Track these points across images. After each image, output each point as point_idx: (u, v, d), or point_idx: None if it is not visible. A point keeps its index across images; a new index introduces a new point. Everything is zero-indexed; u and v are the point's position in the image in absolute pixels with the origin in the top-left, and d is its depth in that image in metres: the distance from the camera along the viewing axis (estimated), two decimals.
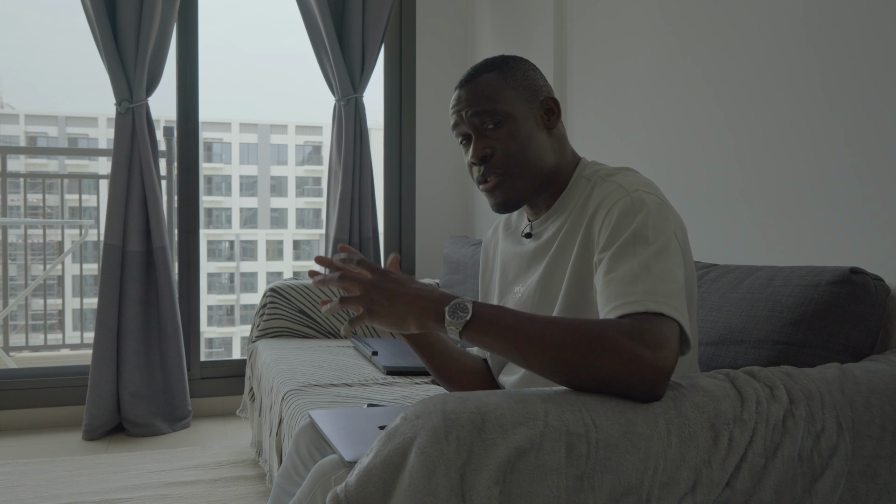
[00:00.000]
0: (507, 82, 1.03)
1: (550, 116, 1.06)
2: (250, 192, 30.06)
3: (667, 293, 0.85)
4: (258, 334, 2.46)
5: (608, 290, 0.89)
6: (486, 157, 1.03)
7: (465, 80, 1.05)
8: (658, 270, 0.87)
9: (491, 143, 1.03)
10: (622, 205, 0.94)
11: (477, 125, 1.04)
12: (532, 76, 1.06)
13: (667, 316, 0.84)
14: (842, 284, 1.08)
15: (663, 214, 0.93)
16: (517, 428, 0.75)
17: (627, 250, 0.90)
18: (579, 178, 1.06)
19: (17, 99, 53.14)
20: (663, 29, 1.86)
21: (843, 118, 1.33)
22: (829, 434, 0.85)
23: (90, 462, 2.28)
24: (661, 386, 0.80)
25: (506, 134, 1.02)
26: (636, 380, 0.79)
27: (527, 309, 1.07)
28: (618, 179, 0.99)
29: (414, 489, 0.71)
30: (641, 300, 0.84)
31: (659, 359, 0.79)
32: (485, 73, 1.04)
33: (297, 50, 58.70)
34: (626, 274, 0.88)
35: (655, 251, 0.89)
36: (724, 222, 1.64)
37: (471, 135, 1.05)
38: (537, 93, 1.05)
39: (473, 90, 1.04)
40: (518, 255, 1.12)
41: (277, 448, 1.66)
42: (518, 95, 1.03)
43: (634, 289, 0.85)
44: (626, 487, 0.77)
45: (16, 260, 11.24)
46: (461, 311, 0.86)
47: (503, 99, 1.02)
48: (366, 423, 1.10)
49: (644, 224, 0.91)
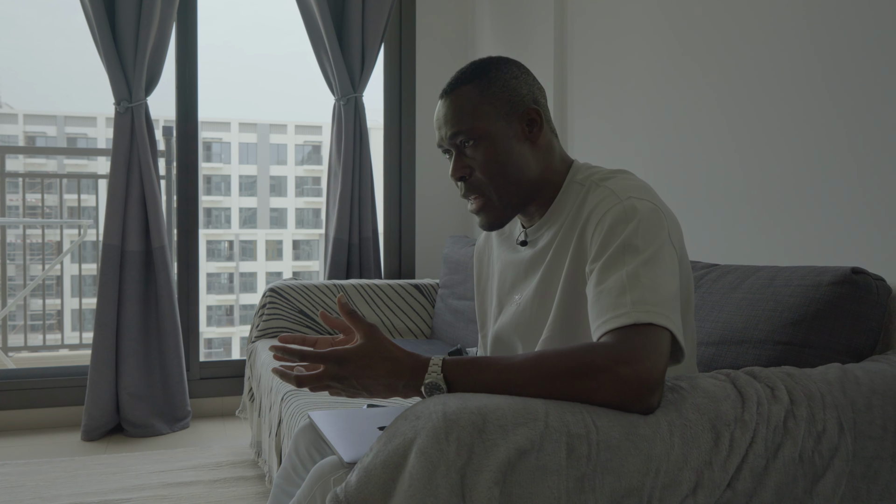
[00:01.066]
0: (484, 96, 1.01)
1: (532, 128, 1.04)
2: (250, 192, 30.06)
3: (656, 302, 0.85)
4: (258, 334, 2.45)
5: (598, 303, 0.88)
6: (464, 177, 1.03)
7: (446, 91, 1.04)
8: (648, 280, 0.87)
9: (469, 161, 1.03)
10: (614, 213, 0.93)
11: (456, 143, 1.03)
12: (513, 85, 1.03)
13: (657, 325, 0.83)
14: (843, 284, 1.07)
15: (656, 221, 0.92)
16: (518, 429, 0.74)
17: (617, 260, 0.90)
18: (572, 183, 1.05)
19: (15, 98, 53.11)
20: (664, 28, 1.86)
21: (845, 117, 1.33)
22: (830, 435, 0.85)
23: (89, 463, 2.27)
24: (649, 398, 0.80)
25: (483, 153, 1.01)
26: (624, 399, 0.79)
27: (525, 317, 1.06)
28: (611, 185, 0.98)
29: (414, 490, 0.71)
30: (629, 312, 0.84)
31: (642, 372, 0.79)
32: (465, 85, 1.02)
33: (296, 49, 58.73)
34: (614, 285, 0.88)
35: (645, 260, 0.89)
36: (724, 222, 1.64)
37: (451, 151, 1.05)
38: (517, 104, 1.02)
39: (452, 106, 1.03)
40: (514, 263, 1.12)
41: (277, 449, 1.66)
42: (496, 110, 1.01)
43: (622, 300, 0.85)
44: (628, 489, 0.77)
45: (14, 260, 11.23)
46: (436, 391, 0.83)
47: (480, 115, 1.01)
48: (365, 424, 1.10)
49: (634, 233, 0.91)
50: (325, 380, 0.85)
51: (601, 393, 0.79)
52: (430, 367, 0.84)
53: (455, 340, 2.36)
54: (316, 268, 29.47)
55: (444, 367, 0.84)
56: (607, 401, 0.80)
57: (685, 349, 0.88)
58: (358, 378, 0.85)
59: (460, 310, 2.38)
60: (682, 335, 0.86)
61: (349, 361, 0.85)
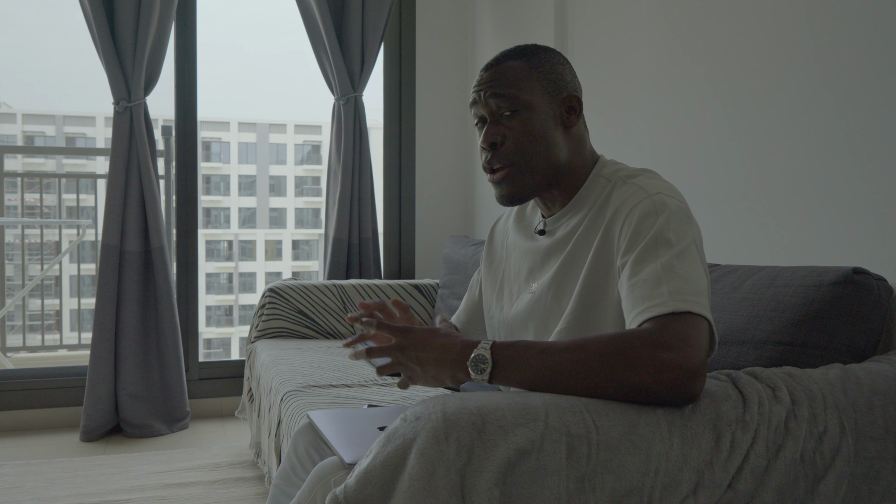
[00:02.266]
0: (532, 72, 1.02)
1: (570, 114, 1.04)
2: (249, 192, 30.05)
3: (693, 292, 0.85)
4: (257, 335, 2.45)
5: (633, 294, 0.88)
6: (495, 143, 1.02)
7: (491, 64, 1.04)
8: (682, 271, 0.87)
9: (504, 130, 1.02)
10: (643, 207, 0.93)
11: (493, 109, 1.02)
12: (560, 70, 1.04)
13: (694, 314, 0.83)
14: (844, 285, 1.07)
15: (685, 216, 0.93)
16: (518, 429, 0.74)
17: (650, 253, 0.90)
18: (597, 177, 1.04)
19: (14, 98, 53.11)
20: (665, 27, 1.86)
21: (847, 117, 1.32)
22: (831, 435, 0.85)
23: (88, 463, 2.27)
24: (691, 385, 0.79)
25: (520, 124, 1.01)
26: (663, 386, 0.78)
27: (541, 306, 1.06)
28: (639, 182, 0.98)
29: (414, 491, 0.71)
30: (667, 301, 0.84)
31: (684, 358, 0.79)
32: (512, 60, 1.02)
33: (295, 48, 58.72)
34: (649, 276, 0.87)
35: (678, 252, 0.89)
36: (726, 222, 1.64)
37: (486, 118, 1.04)
38: (561, 88, 1.03)
39: (497, 73, 1.02)
40: (531, 251, 1.11)
41: (276, 449, 1.66)
42: (541, 87, 1.02)
43: (659, 290, 0.85)
44: (628, 489, 0.76)
45: (13, 260, 11.23)
46: (482, 364, 0.86)
47: (525, 87, 1.01)
48: (365, 425, 1.10)
49: (666, 226, 0.91)
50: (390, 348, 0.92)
51: (641, 377, 0.79)
52: (480, 344, 0.88)
53: None
54: (315, 268, 29.47)
55: (493, 345, 0.88)
56: (648, 386, 0.79)
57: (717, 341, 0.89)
58: (416, 349, 0.91)
59: None
60: (716, 327, 0.87)
61: (413, 333, 0.92)
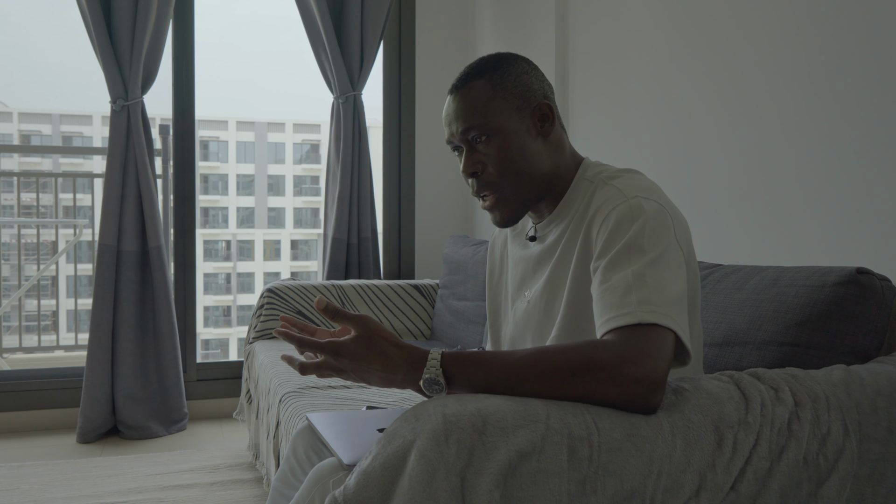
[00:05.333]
0: (496, 91, 1.01)
1: (544, 123, 1.03)
2: (247, 192, 30.04)
3: (661, 302, 0.84)
4: (255, 335, 2.44)
5: (602, 301, 0.88)
6: (476, 172, 1.02)
7: (456, 86, 1.03)
8: (653, 280, 0.86)
9: (481, 157, 1.02)
10: (619, 212, 0.93)
11: (467, 139, 1.02)
12: (525, 80, 1.02)
13: (661, 326, 0.82)
14: (848, 285, 1.07)
15: (662, 221, 0.92)
16: (518, 431, 0.74)
17: (622, 259, 0.89)
18: (581, 180, 1.04)
19: (10, 97, 53.07)
20: (666, 26, 1.85)
21: (849, 117, 1.32)
22: (834, 437, 0.84)
23: (85, 465, 2.26)
24: (651, 399, 0.79)
25: (496, 149, 1.00)
26: (624, 398, 0.78)
27: (535, 314, 1.06)
28: (618, 184, 0.98)
29: (414, 493, 0.70)
30: (634, 311, 0.83)
31: (645, 372, 0.78)
32: (475, 79, 1.01)
33: (294, 47, 58.73)
34: (619, 284, 0.87)
35: (651, 260, 0.88)
36: (728, 222, 1.63)
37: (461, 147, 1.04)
38: (529, 99, 1.02)
39: (463, 101, 1.01)
40: (524, 258, 1.11)
41: (275, 451, 1.65)
42: (508, 105, 1.01)
43: (627, 300, 0.85)
44: (630, 491, 0.76)
45: (9, 260, 11.21)
46: (436, 386, 0.82)
47: (492, 110, 1.00)
48: (364, 426, 1.09)
49: (640, 233, 0.90)
50: (323, 369, 0.85)
51: (602, 391, 0.78)
52: (428, 361, 0.82)
53: (455, 341, 2.35)
54: (314, 268, 29.47)
55: (443, 362, 0.82)
56: (608, 399, 0.79)
57: (691, 352, 0.87)
58: (355, 371, 0.84)
59: (460, 310, 2.37)
60: (687, 337, 0.85)
61: (343, 354, 0.83)
